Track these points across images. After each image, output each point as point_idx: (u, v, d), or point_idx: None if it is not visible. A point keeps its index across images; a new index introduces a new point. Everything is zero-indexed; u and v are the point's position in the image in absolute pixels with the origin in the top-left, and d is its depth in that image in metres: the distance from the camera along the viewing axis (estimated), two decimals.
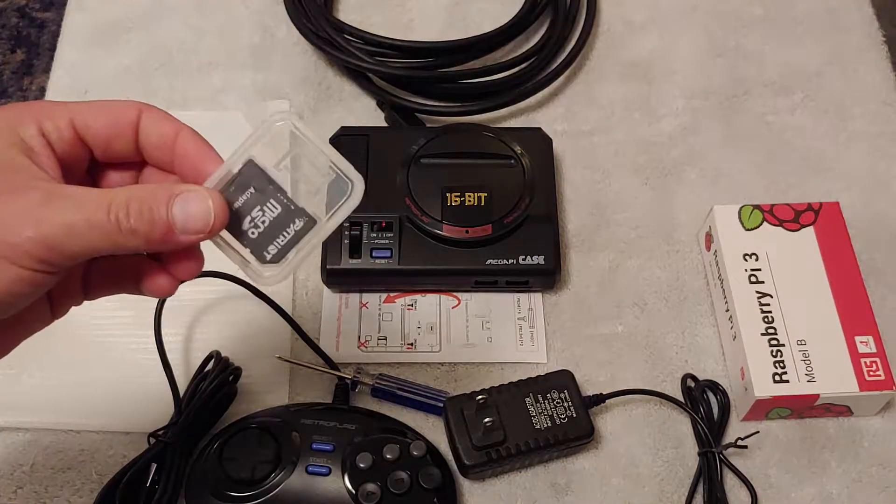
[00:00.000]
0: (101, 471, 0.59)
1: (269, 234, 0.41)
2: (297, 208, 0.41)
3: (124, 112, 0.41)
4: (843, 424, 0.62)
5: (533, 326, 0.66)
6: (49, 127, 0.40)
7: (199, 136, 0.42)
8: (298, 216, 0.41)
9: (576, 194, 0.72)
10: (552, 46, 0.76)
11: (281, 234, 0.41)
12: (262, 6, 0.81)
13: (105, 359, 0.64)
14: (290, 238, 0.41)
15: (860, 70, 0.78)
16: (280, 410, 0.61)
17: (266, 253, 0.41)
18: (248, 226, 0.41)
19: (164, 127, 0.42)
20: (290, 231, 0.41)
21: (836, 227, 0.65)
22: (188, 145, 0.41)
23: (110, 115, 0.41)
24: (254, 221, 0.41)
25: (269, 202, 0.41)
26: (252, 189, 0.41)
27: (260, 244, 0.41)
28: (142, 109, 0.42)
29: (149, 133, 0.42)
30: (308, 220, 0.41)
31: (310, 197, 0.42)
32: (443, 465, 0.58)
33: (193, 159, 0.41)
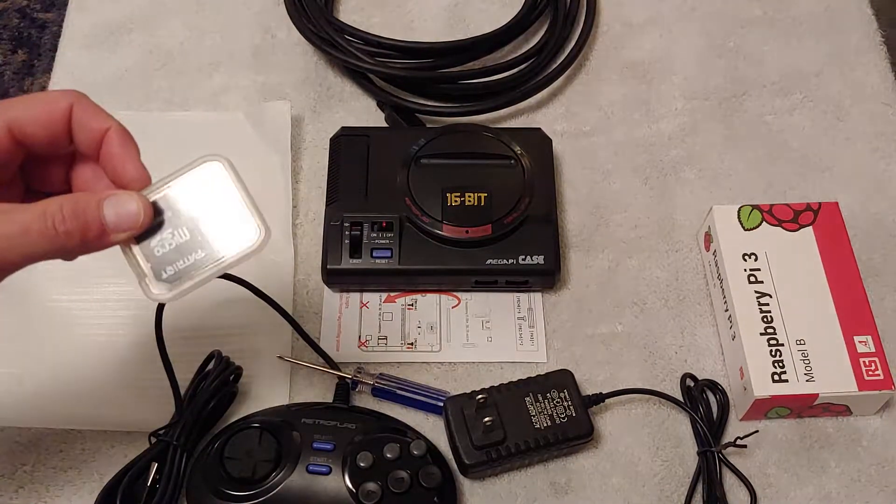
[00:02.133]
0: (102, 470, 0.59)
1: (171, 256, 0.45)
2: (203, 241, 0.45)
3: (56, 107, 0.43)
4: (842, 424, 0.63)
5: (533, 326, 0.66)
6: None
7: (126, 135, 0.44)
8: (202, 248, 0.45)
9: (576, 194, 0.72)
10: (552, 47, 0.76)
11: (182, 259, 0.45)
12: (262, 7, 0.81)
13: (105, 359, 0.64)
14: (188, 265, 0.45)
15: (859, 70, 0.78)
16: (280, 410, 0.61)
17: (163, 272, 0.45)
18: (156, 244, 0.45)
19: (92, 124, 0.44)
20: (191, 259, 0.45)
21: (835, 228, 0.65)
22: (112, 147, 0.44)
23: (43, 114, 0.43)
24: (162, 241, 0.45)
25: (181, 228, 0.45)
26: (171, 212, 0.45)
27: (161, 262, 0.45)
28: (73, 103, 0.44)
29: (79, 131, 0.44)
30: (209, 254, 0.45)
31: (218, 234, 0.45)
32: (443, 464, 0.59)
33: (115, 161, 0.44)
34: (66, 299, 0.66)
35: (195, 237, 0.45)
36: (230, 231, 0.45)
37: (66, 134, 0.44)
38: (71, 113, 0.44)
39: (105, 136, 0.44)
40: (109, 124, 0.44)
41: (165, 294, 0.45)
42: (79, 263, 0.66)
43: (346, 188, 0.67)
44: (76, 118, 0.44)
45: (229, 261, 0.45)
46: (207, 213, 0.45)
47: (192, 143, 0.72)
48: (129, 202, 0.43)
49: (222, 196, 0.45)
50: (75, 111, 0.44)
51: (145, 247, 0.45)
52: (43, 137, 0.44)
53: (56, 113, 0.43)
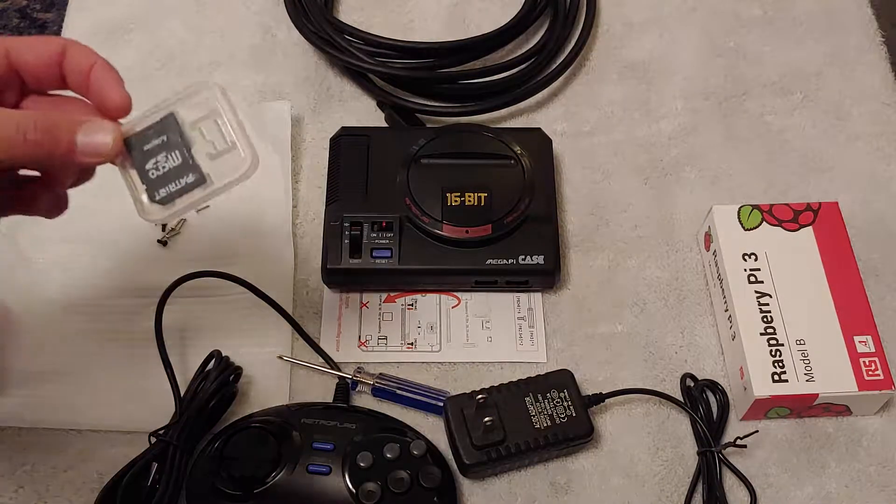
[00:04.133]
0: (102, 470, 0.59)
1: (165, 178, 0.47)
2: (194, 164, 0.47)
3: (52, 44, 0.48)
4: (842, 424, 0.63)
5: (533, 326, 0.66)
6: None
7: (110, 67, 0.48)
8: (193, 171, 0.47)
9: (576, 194, 0.72)
10: (552, 46, 0.76)
11: (174, 181, 0.47)
12: (262, 7, 0.81)
13: (106, 358, 0.64)
14: (180, 188, 0.47)
15: (859, 70, 0.78)
16: (280, 410, 0.61)
17: (156, 193, 0.47)
18: (151, 166, 0.47)
19: (82, 60, 0.48)
20: (182, 182, 0.47)
21: (835, 227, 0.65)
22: (98, 78, 0.47)
23: (40, 45, 0.48)
24: (157, 164, 0.47)
25: (173, 152, 0.47)
26: (165, 137, 0.47)
27: (155, 184, 0.47)
28: (66, 45, 0.48)
29: (70, 66, 0.48)
30: (199, 178, 0.47)
31: (209, 160, 0.47)
32: (443, 464, 0.59)
33: (101, 88, 0.47)
34: (65, 299, 0.66)
35: (186, 162, 0.47)
36: (219, 157, 0.47)
37: (58, 68, 0.48)
38: (65, 51, 0.48)
39: (91, 69, 0.47)
40: (96, 59, 0.48)
41: (157, 214, 0.47)
42: (78, 263, 0.67)
43: (346, 188, 0.67)
44: (69, 55, 0.48)
45: (217, 186, 0.46)
46: (200, 137, 0.47)
47: None
48: (103, 133, 0.46)
49: (214, 122, 0.47)
50: (69, 50, 0.48)
51: (141, 169, 0.47)
52: (36, 67, 0.48)
53: (52, 46, 0.48)
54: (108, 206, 0.69)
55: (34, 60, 0.48)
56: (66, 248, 0.68)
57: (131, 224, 0.68)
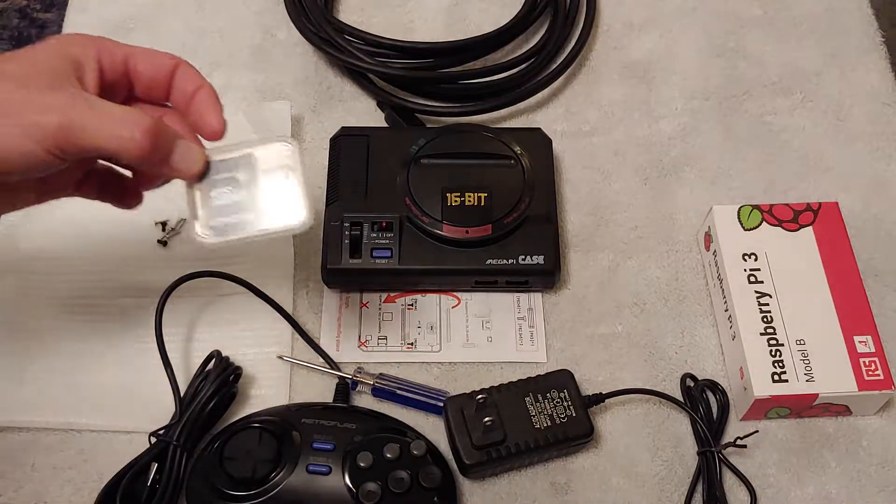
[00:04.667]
0: (102, 470, 0.59)
1: (225, 209, 0.49)
2: (255, 206, 0.50)
3: (166, 59, 0.51)
4: (843, 424, 0.63)
5: (533, 326, 0.66)
6: (106, 59, 0.49)
7: (215, 94, 0.51)
8: (252, 212, 0.49)
9: (576, 194, 0.72)
10: (552, 46, 0.76)
11: (233, 215, 0.49)
12: (262, 7, 0.81)
13: (105, 359, 0.64)
14: (235, 222, 0.49)
15: (859, 70, 0.78)
16: (280, 410, 0.61)
17: (213, 219, 0.49)
18: (216, 195, 0.50)
19: (190, 80, 0.51)
20: (239, 218, 0.49)
21: (835, 227, 0.65)
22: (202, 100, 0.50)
23: (156, 59, 0.51)
24: (221, 194, 0.50)
25: (241, 190, 0.50)
26: (237, 173, 0.50)
27: (214, 211, 0.49)
28: (178, 65, 0.51)
29: (178, 84, 0.51)
30: (256, 219, 0.49)
31: (270, 205, 0.50)
32: (443, 464, 0.59)
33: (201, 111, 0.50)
34: (65, 299, 0.66)
35: (249, 200, 0.50)
36: (280, 206, 0.50)
37: (167, 82, 0.51)
38: (176, 69, 0.51)
39: (197, 92, 0.50)
40: (203, 83, 0.51)
41: (209, 238, 0.49)
42: (79, 263, 0.67)
43: (346, 188, 0.67)
44: (179, 74, 0.51)
45: (271, 231, 0.49)
46: (266, 184, 0.50)
47: None
48: (196, 154, 0.49)
49: (283, 174, 0.50)
50: (180, 67, 0.51)
51: (205, 194, 0.50)
52: (149, 78, 0.50)
53: (166, 62, 0.51)
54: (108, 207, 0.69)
55: (149, 71, 0.50)
56: (66, 248, 0.68)
57: (131, 224, 0.68)
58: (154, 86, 0.51)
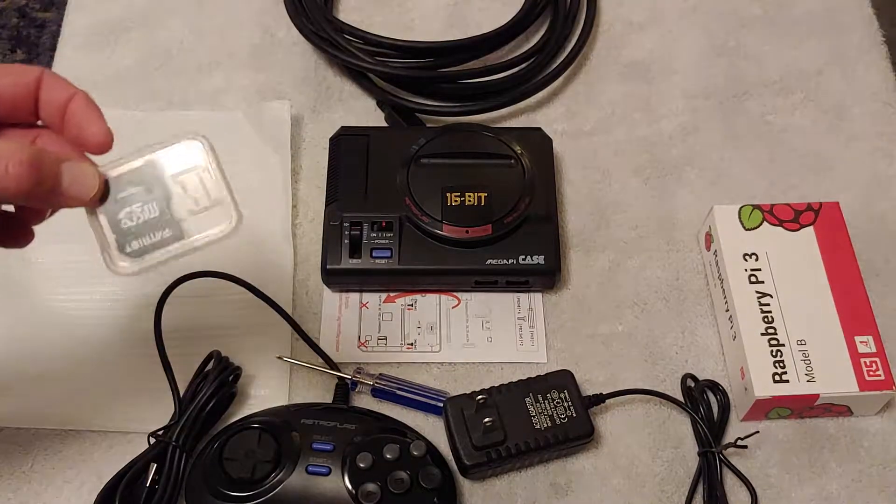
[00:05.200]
0: (101, 471, 0.59)
1: (138, 230, 0.44)
2: (172, 219, 0.44)
3: (25, 76, 0.45)
4: (843, 424, 0.62)
5: (533, 326, 0.66)
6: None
7: (90, 101, 0.45)
8: (170, 226, 0.44)
9: (576, 194, 0.72)
10: (552, 46, 0.76)
11: (148, 234, 0.44)
12: (262, 6, 0.81)
13: (105, 359, 0.64)
14: (154, 241, 0.44)
15: (860, 70, 0.78)
16: (280, 410, 0.61)
17: (128, 245, 0.44)
18: (124, 216, 0.44)
19: (58, 92, 0.45)
20: (158, 236, 0.44)
21: (835, 227, 0.65)
22: (77, 112, 0.44)
23: (13, 78, 0.45)
24: (131, 214, 0.44)
25: (151, 203, 0.44)
26: (143, 186, 0.44)
27: (127, 236, 0.44)
28: (42, 75, 0.45)
29: (45, 99, 0.45)
30: (177, 233, 0.44)
31: (189, 215, 0.44)
32: (443, 465, 0.58)
33: (79, 123, 0.44)
34: (64, 298, 0.66)
35: (164, 215, 0.44)
36: (201, 213, 0.45)
37: (31, 100, 0.45)
38: (39, 83, 0.45)
39: (69, 103, 0.44)
40: (74, 91, 0.45)
41: (127, 268, 0.44)
42: (79, 263, 0.67)
43: (346, 188, 0.67)
44: (45, 86, 0.45)
45: (196, 244, 0.44)
46: (180, 191, 0.44)
47: None
48: (90, 174, 0.43)
49: (198, 176, 0.45)
50: (44, 81, 0.45)
51: (112, 217, 0.44)
52: (8, 96, 0.45)
53: (25, 77, 0.45)
54: None
55: (6, 90, 0.45)
56: (65, 248, 0.68)
57: None
58: (17, 105, 0.45)
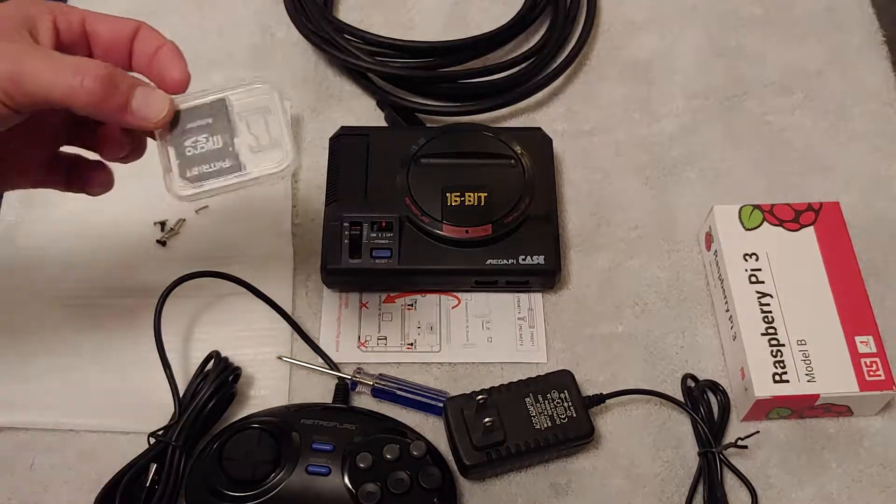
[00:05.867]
0: (101, 471, 0.59)
1: (200, 158, 0.47)
2: (232, 152, 0.47)
3: (125, 24, 0.49)
4: (844, 424, 0.62)
5: (533, 326, 0.66)
6: (62, 20, 0.48)
7: (178, 49, 0.49)
8: (230, 158, 0.47)
9: (576, 194, 0.72)
10: (552, 46, 0.76)
11: (209, 163, 0.47)
12: (261, 6, 0.81)
13: (105, 359, 0.64)
14: (213, 170, 0.47)
15: (860, 70, 0.78)
16: (280, 410, 0.61)
17: (188, 170, 0.47)
18: (189, 143, 0.47)
19: (152, 41, 0.49)
20: (217, 166, 0.47)
21: (836, 227, 0.65)
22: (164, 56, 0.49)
23: (114, 26, 0.49)
24: (196, 143, 0.47)
25: (215, 136, 0.48)
26: (210, 119, 0.48)
27: (189, 161, 0.47)
28: (139, 27, 0.50)
29: (140, 44, 0.49)
30: (234, 165, 0.47)
31: (249, 151, 0.47)
32: (443, 465, 0.58)
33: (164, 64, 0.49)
34: (65, 299, 0.66)
35: (226, 147, 0.47)
36: (260, 151, 0.47)
37: (127, 46, 0.49)
38: (137, 32, 0.49)
39: (159, 50, 0.49)
40: (164, 42, 0.49)
41: (184, 190, 0.47)
42: (78, 263, 0.67)
43: (346, 188, 0.67)
44: (140, 35, 0.49)
45: (251, 176, 0.47)
46: (245, 129, 0.48)
47: None
48: (160, 100, 0.47)
49: (262, 117, 0.48)
50: (141, 30, 0.50)
51: (178, 145, 0.47)
52: (108, 40, 0.49)
53: (127, 25, 0.49)
54: (107, 206, 0.69)
55: (107, 34, 0.49)
56: (65, 248, 0.68)
57: (131, 224, 0.68)
58: (114, 48, 0.49)
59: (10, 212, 0.70)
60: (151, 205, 0.69)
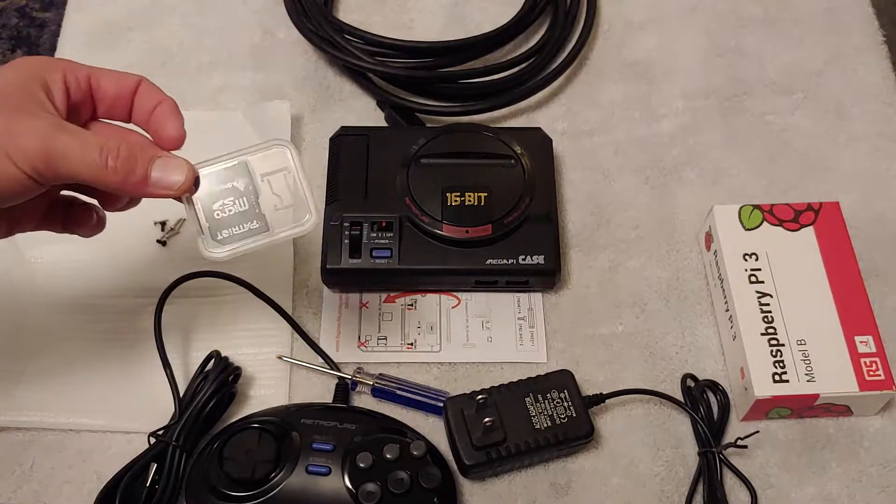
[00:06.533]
0: (101, 471, 0.59)
1: (229, 221, 0.50)
2: (259, 213, 0.50)
3: (128, 80, 0.51)
4: (843, 424, 0.62)
5: (533, 326, 0.66)
6: (71, 78, 0.49)
7: (176, 106, 0.51)
8: (257, 219, 0.50)
9: (576, 194, 0.72)
10: (552, 46, 0.76)
11: (238, 225, 0.50)
12: (262, 6, 0.81)
13: (105, 359, 0.64)
14: (242, 232, 0.49)
15: (860, 70, 0.78)
16: (280, 410, 0.61)
17: (219, 233, 0.49)
18: (217, 207, 0.49)
19: (152, 96, 0.51)
20: (245, 227, 0.50)
21: (835, 227, 0.65)
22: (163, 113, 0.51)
23: (118, 81, 0.51)
24: (223, 207, 0.50)
25: (241, 199, 0.50)
26: (234, 183, 0.50)
27: (219, 225, 0.49)
28: (140, 82, 0.51)
29: (140, 100, 0.51)
30: (262, 226, 0.50)
31: (274, 210, 0.50)
32: (443, 464, 0.58)
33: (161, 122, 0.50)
34: (65, 299, 0.66)
35: (252, 209, 0.50)
36: (283, 210, 0.50)
37: (129, 100, 0.51)
38: (138, 86, 0.51)
39: (158, 106, 0.51)
40: (163, 98, 0.51)
41: (219, 253, 0.49)
42: (78, 263, 0.67)
43: (346, 188, 0.67)
44: (141, 90, 0.51)
45: (280, 237, 0.50)
46: (268, 189, 0.50)
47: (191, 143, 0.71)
48: (178, 170, 0.48)
49: (283, 178, 0.50)
50: (141, 87, 0.51)
51: (207, 208, 0.49)
52: (112, 96, 0.51)
53: (128, 80, 0.51)
54: None
55: (112, 90, 0.51)
56: (65, 248, 0.68)
57: (131, 224, 0.68)
58: (117, 104, 0.51)
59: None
60: (151, 205, 0.68)
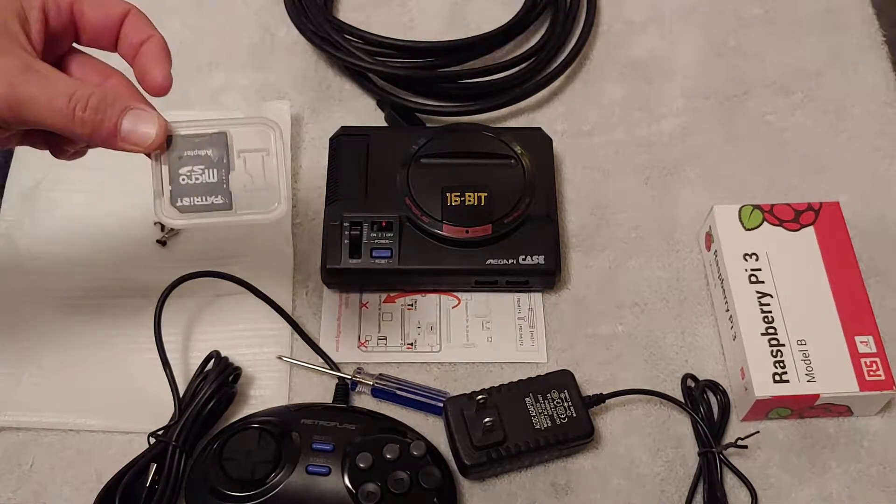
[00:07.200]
0: (101, 471, 0.59)
1: (193, 189, 0.47)
2: (226, 189, 0.47)
3: (115, 8, 0.48)
4: (844, 424, 0.62)
5: (533, 326, 0.66)
6: (51, 6, 0.46)
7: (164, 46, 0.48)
8: (222, 195, 0.47)
9: (576, 194, 0.72)
10: (552, 46, 0.76)
11: (201, 196, 0.47)
12: (262, 6, 0.81)
13: (105, 359, 0.64)
14: (203, 204, 0.47)
15: (860, 70, 0.78)
16: (280, 410, 0.61)
17: (179, 199, 0.47)
18: (185, 172, 0.47)
19: (140, 29, 0.48)
20: (208, 200, 0.47)
21: (836, 227, 0.65)
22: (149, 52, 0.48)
23: (104, 10, 0.48)
24: (191, 173, 0.47)
25: (211, 170, 0.47)
26: (209, 151, 0.47)
27: (181, 190, 0.47)
28: (127, 12, 0.48)
29: (127, 32, 0.48)
30: (226, 203, 0.47)
31: (242, 189, 0.47)
32: (443, 465, 0.58)
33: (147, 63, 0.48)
34: (65, 299, 0.66)
35: (221, 183, 0.47)
36: (254, 190, 0.47)
37: (114, 33, 0.48)
38: (125, 16, 0.48)
39: (145, 42, 0.48)
40: (153, 33, 0.48)
41: (173, 219, 0.47)
42: (78, 263, 0.67)
43: (346, 188, 0.67)
44: (129, 21, 0.48)
45: (241, 219, 0.47)
46: (241, 166, 0.47)
47: None
48: (149, 124, 0.46)
49: (262, 159, 0.47)
50: (129, 17, 0.48)
51: (173, 170, 0.47)
52: (96, 25, 0.48)
53: (114, 8, 0.48)
54: (107, 206, 0.69)
55: (96, 18, 0.48)
56: (65, 247, 0.68)
57: (131, 224, 0.68)
58: (101, 34, 0.48)
59: (10, 212, 0.70)
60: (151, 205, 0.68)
